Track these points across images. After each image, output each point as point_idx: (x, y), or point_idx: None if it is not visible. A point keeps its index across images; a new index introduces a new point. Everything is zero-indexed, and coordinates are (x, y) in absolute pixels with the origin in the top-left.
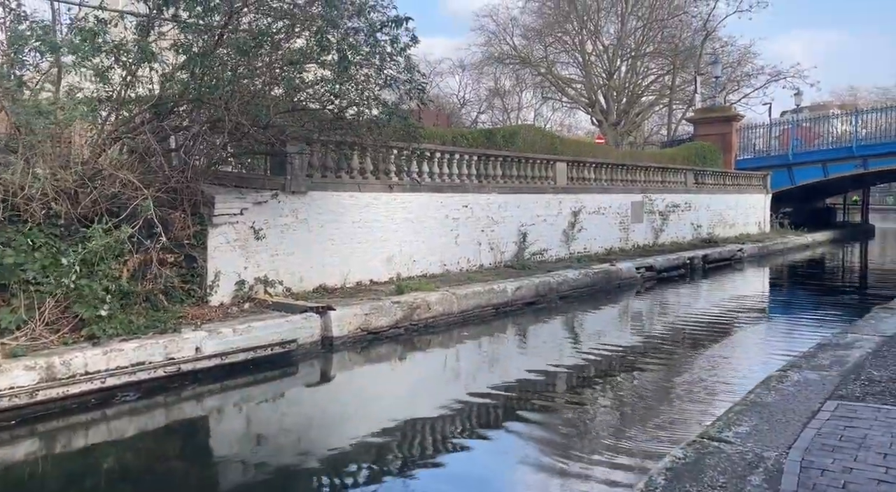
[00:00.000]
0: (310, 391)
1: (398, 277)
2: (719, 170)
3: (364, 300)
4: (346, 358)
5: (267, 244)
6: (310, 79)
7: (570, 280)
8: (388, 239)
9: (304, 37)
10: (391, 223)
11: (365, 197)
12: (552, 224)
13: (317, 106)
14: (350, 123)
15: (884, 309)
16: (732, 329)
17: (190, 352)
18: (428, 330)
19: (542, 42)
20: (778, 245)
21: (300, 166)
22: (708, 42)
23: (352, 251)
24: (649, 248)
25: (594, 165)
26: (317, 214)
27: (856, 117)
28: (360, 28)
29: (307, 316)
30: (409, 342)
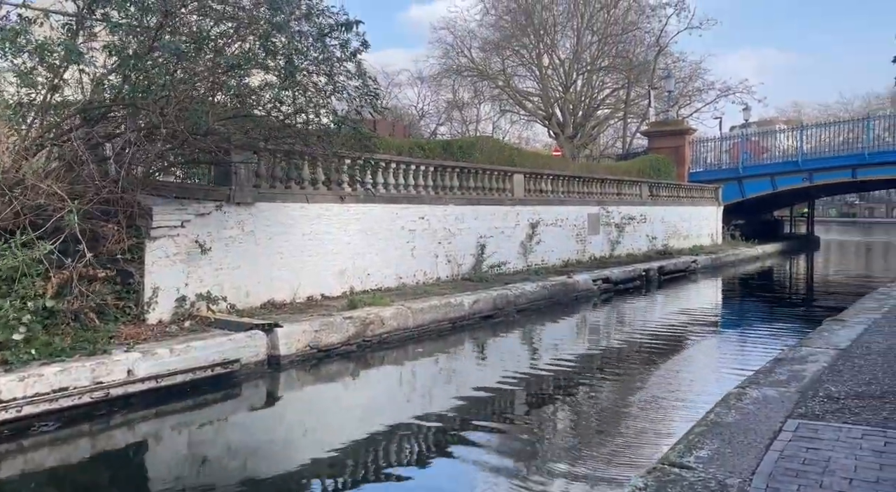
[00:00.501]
0: (253, 415)
1: (351, 291)
2: (673, 182)
3: (314, 316)
4: (294, 378)
5: (210, 258)
6: (255, 84)
7: (527, 293)
8: (341, 252)
9: (250, 41)
10: (344, 235)
11: (316, 208)
12: (510, 236)
13: (261, 113)
14: (299, 131)
15: (834, 321)
16: (689, 342)
17: (121, 375)
18: (382, 346)
19: (499, 55)
20: (730, 257)
21: (246, 176)
22: (661, 57)
23: (302, 265)
24: (606, 259)
25: (551, 177)
26: (264, 225)
27: (801, 132)
28: (309, 32)
29: (252, 334)
30: (361, 360)
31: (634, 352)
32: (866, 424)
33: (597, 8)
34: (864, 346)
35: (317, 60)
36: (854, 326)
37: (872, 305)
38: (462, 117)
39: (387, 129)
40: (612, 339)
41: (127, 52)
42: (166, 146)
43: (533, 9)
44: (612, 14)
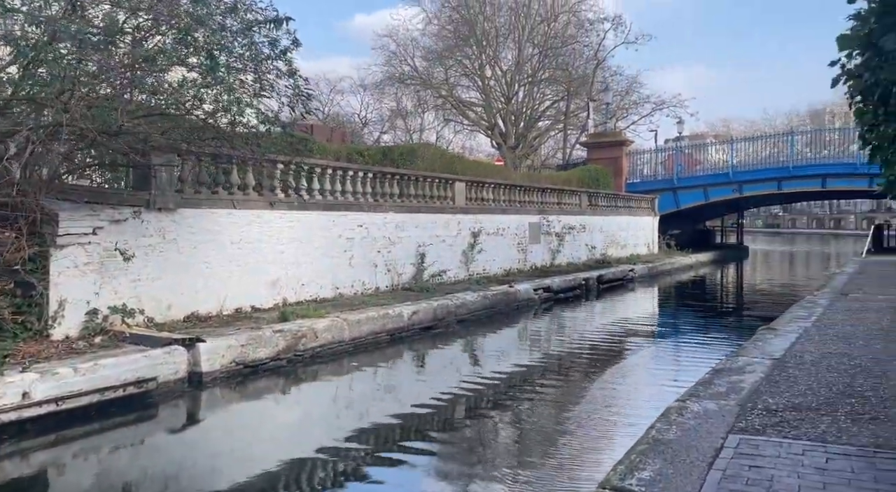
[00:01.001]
0: (169, 438)
1: (284, 302)
2: (612, 192)
3: (242, 329)
4: (218, 396)
5: (127, 268)
6: (176, 81)
7: (468, 303)
8: (273, 261)
9: (171, 35)
10: (277, 244)
11: (246, 215)
12: (451, 245)
13: (180, 112)
14: (225, 132)
15: (768, 330)
16: (628, 352)
17: (14, 398)
18: (315, 360)
19: (442, 65)
20: (666, 266)
21: (169, 180)
22: (599, 71)
23: (230, 275)
24: (547, 268)
25: (493, 185)
26: (189, 233)
27: (731, 146)
28: (234, 27)
29: (171, 350)
30: (292, 375)
31: (574, 363)
32: (806, 438)
33: (537, 21)
34: (798, 355)
35: (242, 57)
36: (787, 335)
37: (802, 313)
38: (406, 126)
39: (325, 134)
40: (552, 350)
41: (24, 43)
42: (74, 146)
43: (475, 20)
44: (552, 27)
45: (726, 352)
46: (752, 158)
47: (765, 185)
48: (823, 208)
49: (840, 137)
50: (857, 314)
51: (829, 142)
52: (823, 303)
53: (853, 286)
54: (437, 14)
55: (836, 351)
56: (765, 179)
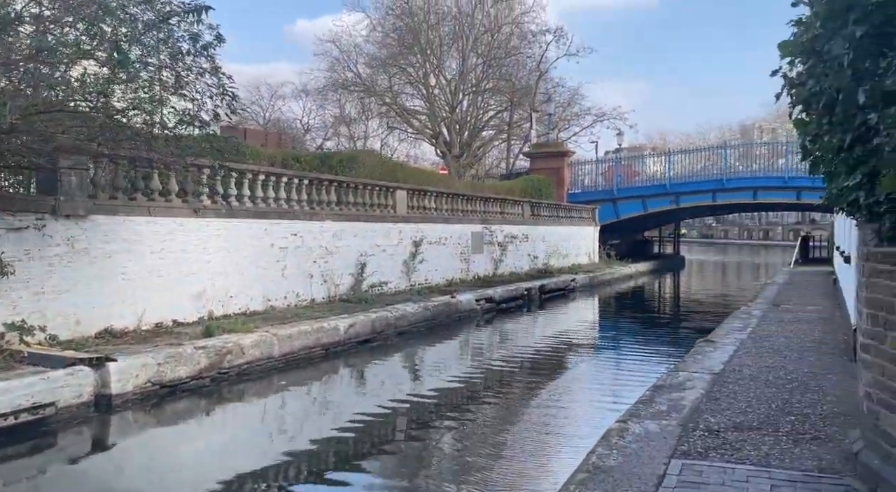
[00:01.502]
0: (68, 469)
1: (210, 315)
2: (554, 202)
3: (160, 346)
4: (130, 421)
5: (27, 281)
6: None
7: (408, 315)
8: (199, 272)
9: (79, 26)
10: (203, 253)
11: (168, 223)
12: (392, 255)
13: (84, 109)
14: (142, 133)
15: (706, 342)
16: (568, 365)
17: None
18: (241, 379)
19: (386, 72)
20: (606, 276)
21: (79, 185)
22: (542, 82)
23: (150, 286)
24: (489, 278)
25: (435, 194)
26: (102, 242)
27: (668, 158)
28: (148, 19)
29: (75, 371)
30: (214, 396)
31: (513, 378)
32: (749, 462)
33: (481, 31)
34: (737, 369)
35: (157, 51)
36: (725, 348)
37: (738, 324)
38: (350, 133)
39: (259, 139)
40: (491, 364)
41: None
42: None
43: (419, 28)
44: (495, 38)
45: (666, 365)
46: (688, 170)
47: (701, 196)
48: (753, 220)
49: (768, 151)
50: (789, 326)
51: (758, 156)
52: (757, 314)
53: (784, 297)
54: (381, 21)
55: (772, 365)
56: (701, 191)
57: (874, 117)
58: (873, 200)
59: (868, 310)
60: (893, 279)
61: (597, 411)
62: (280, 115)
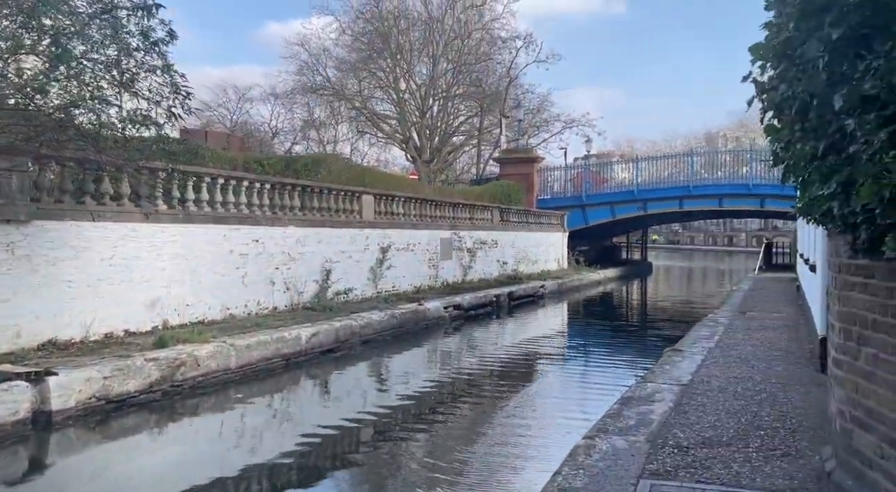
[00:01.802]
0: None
1: (165, 325)
2: (523, 208)
3: (107, 358)
4: (72, 438)
5: None
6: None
7: (374, 323)
8: (153, 279)
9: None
10: (157, 260)
11: (119, 228)
12: (358, 261)
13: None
14: (89, 134)
15: (674, 351)
16: (535, 376)
17: None
18: (196, 392)
19: (356, 76)
20: (575, 282)
21: (20, 188)
22: (512, 88)
23: (99, 295)
24: (458, 285)
25: (403, 199)
26: (46, 249)
27: (636, 165)
28: (93, 12)
29: (10, 386)
30: (166, 410)
31: (479, 390)
32: (720, 482)
33: (451, 37)
34: (705, 381)
35: (102, 45)
36: (692, 357)
37: (705, 333)
38: (319, 137)
39: (221, 141)
40: (457, 374)
41: None
42: None
43: (389, 33)
44: (465, 44)
45: (635, 375)
46: (656, 177)
47: (668, 203)
48: (718, 226)
49: (732, 159)
50: (756, 334)
51: (723, 163)
52: (724, 321)
53: (750, 304)
54: (351, 25)
55: (740, 375)
56: (668, 198)
57: (851, 123)
58: (848, 210)
59: (840, 324)
60: (867, 292)
61: (564, 425)
62: (248, 119)
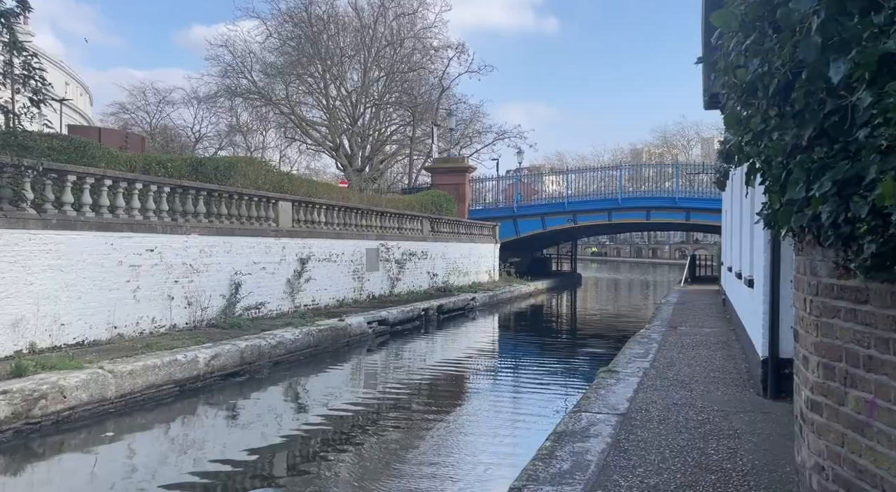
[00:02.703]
0: None
1: (32, 348)
2: (455, 219)
3: None
4: None
5: None
6: None
7: (287, 342)
8: (16, 295)
9: None
10: (24, 273)
11: None
12: (273, 273)
13: None
14: None
15: (608, 373)
16: (458, 403)
17: None
18: (60, 429)
19: (283, 81)
20: (506, 294)
21: None
22: (444, 98)
23: None
24: (385, 298)
25: (326, 207)
26: None
27: (566, 177)
28: None
29: None
30: (17, 453)
31: (393, 420)
32: None
33: (383, 44)
34: (643, 409)
35: None
36: (628, 379)
37: (639, 350)
38: (246, 143)
39: (117, 140)
40: (370, 400)
41: None
42: None
43: (318, 38)
44: (398, 52)
45: (568, 400)
46: (585, 189)
47: (597, 215)
48: (643, 239)
49: (656, 173)
50: (690, 351)
51: (647, 178)
52: (657, 338)
53: (679, 318)
54: (278, 28)
55: (680, 401)
56: (597, 210)
57: (865, 97)
58: (845, 216)
59: (819, 358)
60: (859, 321)
61: (487, 469)
62: (169, 122)
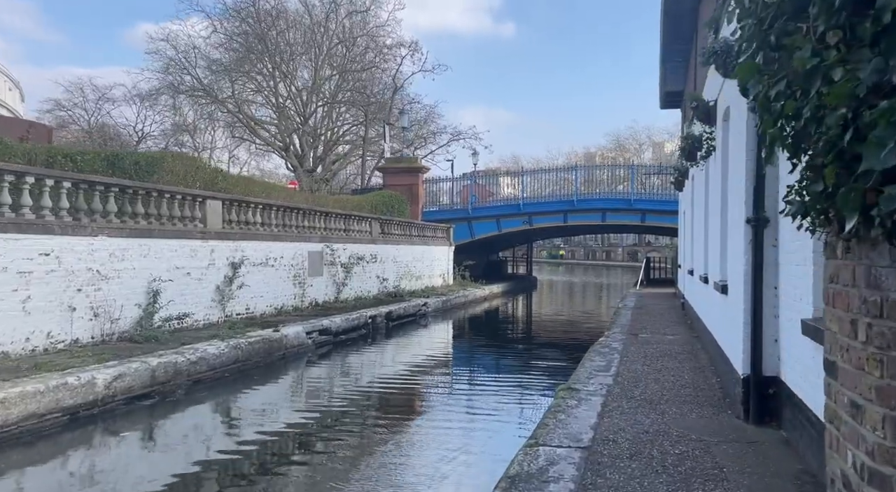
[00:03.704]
0: None
1: None
2: (406, 220)
3: None
4: None
5: None
6: None
7: (210, 357)
8: None
9: None
10: None
11: None
12: (200, 279)
13: None
14: None
15: (568, 391)
16: (397, 430)
17: None
18: None
19: (230, 78)
20: (460, 298)
21: None
22: (398, 98)
23: None
24: (330, 305)
25: (262, 206)
26: None
27: (521, 179)
28: None
29: None
30: None
31: (319, 456)
32: None
33: (335, 42)
34: (611, 440)
35: None
36: (590, 400)
37: (600, 362)
38: (194, 143)
39: (18, 130)
40: (297, 427)
41: None
42: None
43: (266, 34)
44: (351, 51)
45: (523, 426)
46: (541, 191)
47: (553, 217)
48: (597, 241)
49: (610, 175)
50: (656, 363)
51: (601, 181)
52: (618, 347)
53: (639, 324)
54: (224, 24)
55: (652, 428)
56: (553, 212)
57: None
58: None
59: (888, 410)
60: None
61: None
62: (110, 121)
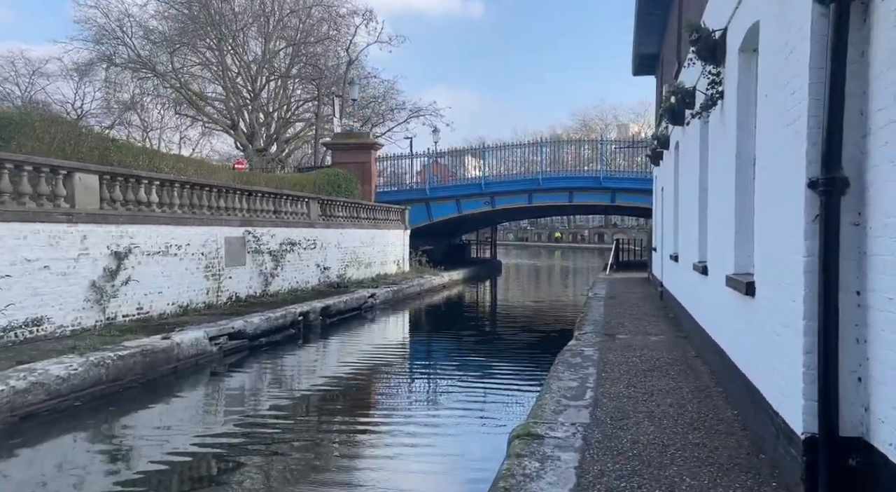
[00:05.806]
0: None
1: None
2: (353, 201)
3: None
4: None
5: None
6: None
7: (53, 380)
8: None
9: None
10: None
11: None
12: (65, 274)
13: None
14: None
15: (525, 443)
16: (326, 477)
17: None
18: None
19: (170, 49)
20: (415, 287)
21: None
22: (353, 70)
23: None
24: (256, 299)
25: (159, 182)
26: None
27: (485, 153)
28: None
29: None
30: None
31: None
32: None
33: (286, 11)
34: None
35: None
36: (557, 463)
37: (570, 382)
38: (142, 122)
39: None
40: (172, 481)
41: None
42: None
43: (209, 2)
44: (305, 22)
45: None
46: (506, 172)
47: (517, 197)
48: (563, 223)
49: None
50: (644, 382)
51: (567, 161)
52: (592, 355)
53: (615, 319)
54: None
55: None
56: (516, 191)
57: None
58: None
59: None
60: None
61: None
62: (45, 97)
